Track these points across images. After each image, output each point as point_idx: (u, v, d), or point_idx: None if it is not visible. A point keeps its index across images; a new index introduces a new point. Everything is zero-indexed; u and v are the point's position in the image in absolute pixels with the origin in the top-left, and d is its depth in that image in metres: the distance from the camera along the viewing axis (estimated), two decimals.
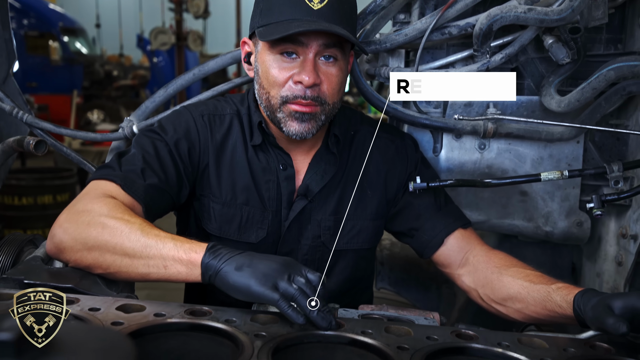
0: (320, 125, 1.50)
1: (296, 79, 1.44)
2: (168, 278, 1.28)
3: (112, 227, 1.30)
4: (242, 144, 1.60)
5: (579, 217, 1.85)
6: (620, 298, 1.17)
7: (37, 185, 5.63)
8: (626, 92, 1.65)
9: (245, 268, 1.18)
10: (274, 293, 1.14)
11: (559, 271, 2.05)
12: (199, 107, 1.64)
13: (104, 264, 1.31)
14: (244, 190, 1.58)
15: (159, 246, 1.27)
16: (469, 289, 1.61)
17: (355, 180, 1.64)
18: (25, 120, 1.89)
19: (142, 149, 1.51)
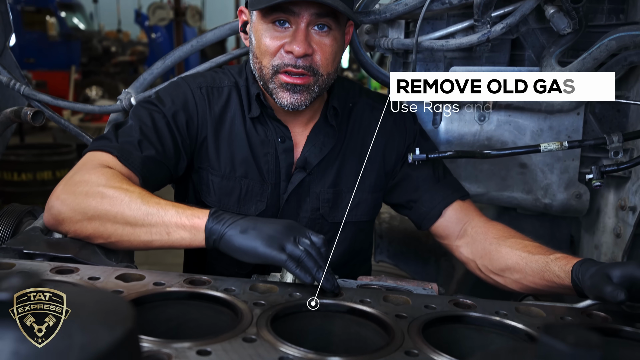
0: (314, 96, 1.49)
1: (287, 48, 1.42)
2: (171, 244, 1.29)
3: (111, 197, 1.30)
4: (241, 117, 1.59)
5: (578, 189, 1.85)
6: (618, 267, 1.17)
7: (36, 161, 5.63)
8: (627, 62, 1.63)
9: (250, 231, 1.20)
10: (282, 254, 1.16)
11: (557, 244, 2.05)
12: (197, 78, 1.63)
13: (104, 233, 1.31)
14: (242, 163, 1.58)
15: (161, 213, 1.28)
16: (467, 260, 1.62)
17: (354, 153, 1.63)
18: (22, 92, 1.87)
19: (140, 120, 1.50)
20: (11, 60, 2.24)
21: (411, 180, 1.67)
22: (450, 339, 1.10)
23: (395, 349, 0.94)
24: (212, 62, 1.91)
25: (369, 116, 1.66)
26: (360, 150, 1.64)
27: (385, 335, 1.02)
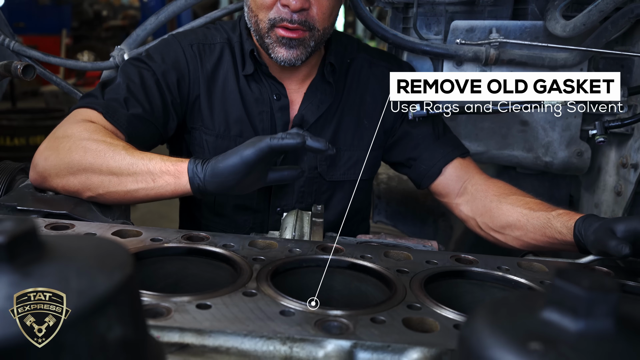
0: (310, 51, 1.45)
1: (283, 2, 1.38)
2: (157, 191, 1.28)
3: (94, 150, 1.28)
4: (234, 74, 1.55)
5: (579, 147, 1.83)
6: (622, 221, 1.16)
7: (29, 126, 5.58)
8: (634, 14, 1.59)
9: (229, 152, 1.21)
10: (265, 140, 1.17)
11: (556, 203, 2.00)
12: (188, 36, 1.58)
13: (92, 186, 1.29)
14: (237, 122, 1.55)
15: (145, 162, 1.27)
16: (467, 218, 1.60)
17: (352, 110, 1.60)
18: (12, 48, 1.82)
19: (128, 78, 1.47)
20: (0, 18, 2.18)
21: (411, 138, 1.64)
22: (452, 293, 1.09)
23: (397, 303, 0.92)
24: (206, 17, 1.86)
25: (367, 72, 1.63)
26: (359, 107, 1.61)
27: (386, 289, 1.01)
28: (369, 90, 1.62)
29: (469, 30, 1.74)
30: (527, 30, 1.74)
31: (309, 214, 1.38)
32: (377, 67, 1.63)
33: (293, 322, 0.83)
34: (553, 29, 1.65)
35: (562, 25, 1.62)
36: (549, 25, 1.66)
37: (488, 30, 1.73)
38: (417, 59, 1.80)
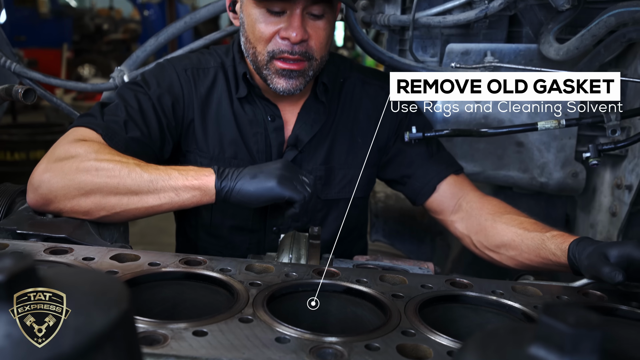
0: (307, 80, 1.49)
1: (283, 34, 1.41)
2: (181, 205, 1.33)
3: (107, 169, 1.29)
4: (227, 97, 1.58)
5: (574, 167, 1.85)
6: (615, 247, 1.17)
7: (29, 141, 5.60)
8: (626, 39, 1.61)
9: (259, 174, 1.29)
10: (298, 193, 1.29)
11: (552, 223, 2.03)
12: (183, 60, 1.61)
13: (107, 205, 1.31)
14: (231, 144, 1.57)
15: (165, 177, 1.30)
16: (462, 236, 1.61)
17: (346, 129, 1.62)
18: (13, 70, 1.85)
19: (125, 101, 1.49)
20: (1, 38, 2.20)
21: (405, 155, 1.66)
22: (447, 318, 1.10)
23: (392, 329, 0.93)
24: (205, 39, 1.89)
25: (360, 91, 1.65)
26: (352, 126, 1.63)
27: (382, 315, 1.02)
28: (362, 109, 1.64)
29: (464, 53, 1.76)
30: (521, 53, 1.76)
31: (306, 236, 1.39)
32: (369, 86, 1.66)
33: (288, 350, 0.84)
34: (547, 52, 1.67)
35: (555, 48, 1.64)
36: (543, 49, 1.68)
37: (483, 53, 1.75)
38: None
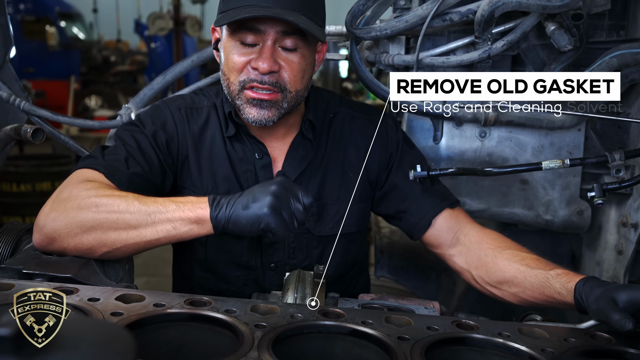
0: (282, 113, 1.49)
1: (253, 65, 1.43)
2: (179, 237, 1.33)
3: (106, 204, 1.31)
4: (220, 136, 1.60)
5: (579, 205, 1.85)
6: (624, 291, 1.15)
7: (35, 172, 5.61)
8: (628, 79, 1.63)
9: (251, 205, 1.26)
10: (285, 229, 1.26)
11: (558, 259, 2.03)
12: (177, 101, 1.65)
13: (108, 241, 1.32)
14: (225, 180, 1.59)
15: (162, 210, 1.30)
16: (462, 270, 1.60)
17: (336, 164, 1.63)
18: (22, 108, 1.87)
19: (123, 141, 1.53)
20: (11, 74, 2.24)
21: (399, 190, 1.66)
22: None
23: None
24: (212, 77, 1.92)
25: (349, 125, 1.66)
26: (343, 160, 1.64)
27: (387, 358, 1.02)
28: (352, 143, 1.65)
29: None
30: None
31: (311, 274, 1.39)
32: (358, 120, 1.67)
33: None
34: None
35: None
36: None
37: None
38: (417, 119, 1.84)
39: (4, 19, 2.24)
